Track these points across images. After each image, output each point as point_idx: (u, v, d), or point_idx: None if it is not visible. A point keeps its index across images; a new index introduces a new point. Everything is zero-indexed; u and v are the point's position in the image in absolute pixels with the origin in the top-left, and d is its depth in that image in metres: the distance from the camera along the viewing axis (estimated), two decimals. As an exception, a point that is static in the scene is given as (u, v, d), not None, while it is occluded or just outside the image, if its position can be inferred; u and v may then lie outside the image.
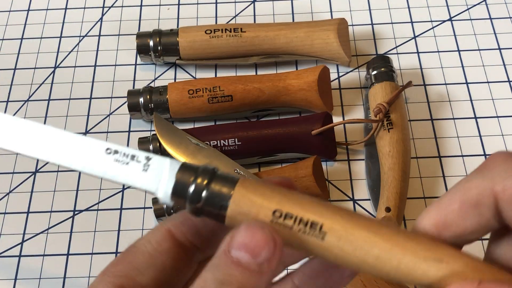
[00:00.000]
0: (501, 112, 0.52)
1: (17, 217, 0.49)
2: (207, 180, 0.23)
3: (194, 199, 0.23)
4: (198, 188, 0.23)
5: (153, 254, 0.25)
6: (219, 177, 0.24)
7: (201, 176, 0.23)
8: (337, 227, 0.22)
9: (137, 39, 0.54)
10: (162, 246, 0.25)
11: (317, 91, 0.49)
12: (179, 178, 0.24)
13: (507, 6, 0.58)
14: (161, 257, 0.25)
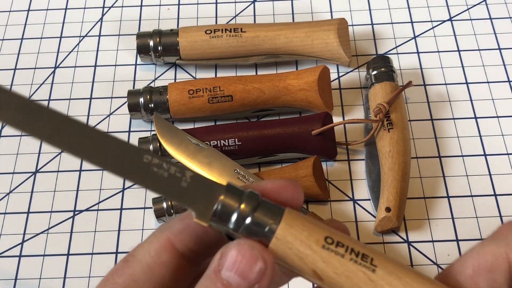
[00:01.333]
0: (501, 112, 0.52)
1: (17, 217, 0.49)
2: (251, 207, 0.23)
3: (236, 226, 0.23)
4: (242, 216, 0.23)
5: (152, 266, 0.24)
6: (264, 205, 0.23)
7: (245, 202, 0.23)
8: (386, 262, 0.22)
9: (137, 39, 0.54)
10: (161, 257, 0.24)
11: (317, 91, 0.49)
12: (224, 202, 0.23)
13: (507, 6, 0.58)
14: (160, 269, 0.24)
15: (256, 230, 0.23)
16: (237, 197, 0.23)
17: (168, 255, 0.24)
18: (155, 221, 0.47)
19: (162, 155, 0.48)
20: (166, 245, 0.25)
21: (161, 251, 0.25)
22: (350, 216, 0.47)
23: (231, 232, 0.23)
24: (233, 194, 0.23)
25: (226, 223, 0.23)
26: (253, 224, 0.23)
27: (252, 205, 0.23)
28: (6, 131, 0.53)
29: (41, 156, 0.51)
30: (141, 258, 0.25)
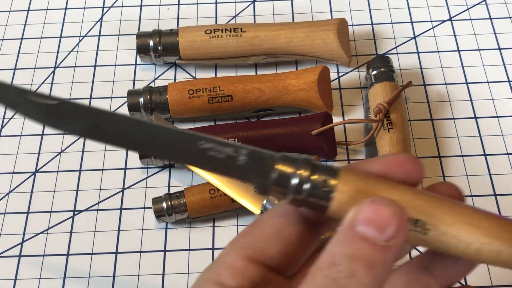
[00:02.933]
0: (501, 112, 0.52)
1: (17, 217, 0.49)
2: (309, 171, 0.24)
3: (297, 191, 0.24)
4: (301, 180, 0.24)
5: (280, 228, 0.25)
6: (320, 168, 0.24)
7: (303, 167, 0.24)
8: (440, 223, 0.23)
9: (137, 39, 0.54)
10: (288, 220, 0.25)
11: (317, 91, 0.49)
12: (281, 170, 0.24)
13: (507, 6, 0.58)
14: (287, 231, 0.25)
15: (316, 192, 0.24)
16: (292, 164, 0.24)
17: (295, 218, 0.25)
18: (155, 221, 0.47)
19: (162, 155, 0.48)
20: (293, 209, 0.26)
21: (288, 214, 0.26)
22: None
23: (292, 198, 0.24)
24: (288, 162, 0.24)
25: (285, 191, 0.24)
26: (312, 187, 0.24)
27: (308, 169, 0.24)
28: (6, 131, 0.53)
29: (41, 156, 0.51)
30: (269, 221, 0.26)
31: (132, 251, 0.47)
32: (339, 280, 0.21)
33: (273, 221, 0.26)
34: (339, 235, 0.23)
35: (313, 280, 0.22)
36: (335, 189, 0.23)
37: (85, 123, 0.25)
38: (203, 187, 0.46)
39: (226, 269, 0.24)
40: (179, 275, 0.45)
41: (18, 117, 0.54)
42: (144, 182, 0.50)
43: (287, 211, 0.26)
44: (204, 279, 0.25)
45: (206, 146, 0.25)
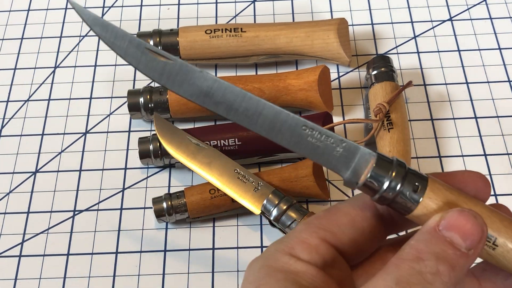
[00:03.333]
0: (501, 112, 0.52)
1: (17, 217, 0.49)
2: (402, 175, 0.25)
3: (387, 191, 0.25)
4: (394, 182, 0.25)
5: (355, 218, 0.27)
6: (412, 172, 0.25)
7: (396, 170, 0.25)
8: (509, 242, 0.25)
9: (137, 39, 0.54)
10: (363, 212, 0.27)
11: (317, 91, 0.49)
12: (377, 170, 0.25)
13: (507, 6, 0.58)
14: (362, 222, 0.27)
15: (406, 195, 0.25)
16: (388, 165, 0.25)
17: (370, 212, 0.27)
18: (155, 221, 0.47)
19: (163, 155, 0.48)
20: (369, 203, 0.27)
21: (364, 207, 0.27)
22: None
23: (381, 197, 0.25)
24: (383, 162, 0.26)
25: (377, 189, 0.25)
26: (403, 190, 0.25)
27: (402, 172, 0.25)
28: (6, 131, 0.53)
29: (41, 156, 0.51)
30: (346, 210, 0.27)
31: (132, 251, 0.47)
32: (425, 275, 0.23)
33: (349, 210, 0.27)
34: (425, 234, 0.24)
35: (399, 269, 0.23)
36: (424, 195, 0.25)
37: (197, 88, 0.26)
38: (203, 187, 0.46)
39: (300, 243, 0.26)
40: (179, 275, 0.45)
41: (18, 117, 0.54)
42: (144, 182, 0.50)
43: (364, 204, 0.27)
44: (276, 249, 0.26)
45: (308, 132, 0.26)
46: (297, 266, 0.25)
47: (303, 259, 0.25)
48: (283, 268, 0.25)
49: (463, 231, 0.24)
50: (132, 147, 0.51)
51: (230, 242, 0.47)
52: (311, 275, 0.25)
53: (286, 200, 0.44)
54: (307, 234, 0.26)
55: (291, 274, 0.25)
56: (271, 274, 0.25)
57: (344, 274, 0.27)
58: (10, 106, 0.54)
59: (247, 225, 0.47)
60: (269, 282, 0.24)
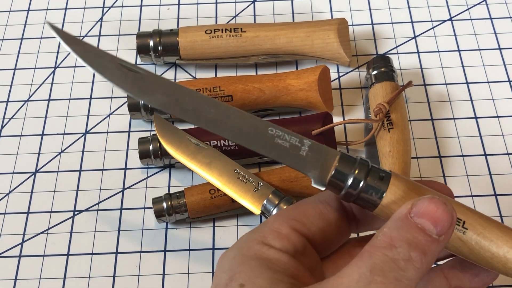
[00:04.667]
0: (501, 112, 0.52)
1: (17, 217, 0.49)
2: (364, 172, 0.26)
3: (352, 187, 0.26)
4: (357, 179, 0.26)
5: (322, 210, 0.28)
6: (375, 169, 0.26)
7: (359, 168, 0.26)
8: (477, 225, 0.25)
9: (137, 39, 0.54)
10: (330, 205, 0.29)
11: (317, 91, 0.49)
12: (340, 168, 0.27)
13: (507, 6, 0.58)
14: (329, 214, 0.28)
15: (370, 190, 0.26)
16: (350, 164, 0.27)
17: (336, 205, 0.29)
18: (155, 221, 0.47)
19: (163, 155, 0.48)
20: (335, 198, 0.29)
21: (331, 200, 0.29)
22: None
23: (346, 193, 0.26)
24: (346, 161, 0.27)
25: (341, 186, 0.26)
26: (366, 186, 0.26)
27: (365, 170, 0.26)
28: (6, 131, 0.53)
29: (41, 156, 0.51)
30: (314, 203, 0.29)
31: (132, 251, 0.47)
32: (398, 262, 0.24)
33: (317, 203, 0.29)
34: (397, 221, 0.25)
35: (372, 256, 0.24)
36: (387, 189, 0.26)
37: (166, 96, 0.28)
38: (203, 187, 0.46)
39: (272, 232, 0.27)
40: (179, 275, 0.45)
41: (18, 117, 0.54)
42: (144, 182, 0.50)
43: (330, 199, 0.29)
44: (249, 239, 0.27)
45: (275, 133, 0.27)
46: (269, 253, 0.26)
47: (275, 247, 0.26)
48: (257, 255, 0.26)
49: (434, 217, 0.24)
50: (132, 147, 0.51)
51: (230, 242, 0.47)
52: (283, 262, 0.26)
53: (286, 200, 0.44)
54: (279, 224, 0.27)
55: (264, 260, 0.25)
56: (246, 262, 0.25)
57: (314, 262, 0.28)
58: (10, 106, 0.54)
59: (247, 225, 0.47)
60: (244, 270, 0.25)
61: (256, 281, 0.24)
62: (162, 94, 0.28)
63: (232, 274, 0.25)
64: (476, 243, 0.25)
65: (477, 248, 0.25)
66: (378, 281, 0.23)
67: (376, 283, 0.23)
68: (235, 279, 0.25)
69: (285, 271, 0.25)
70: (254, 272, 0.25)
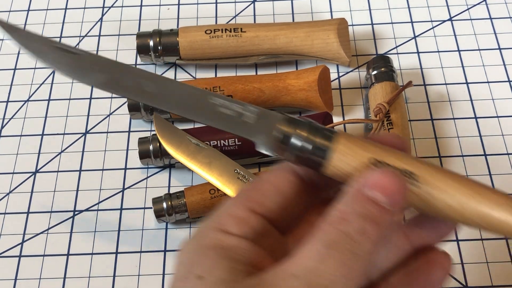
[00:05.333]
0: (501, 112, 0.52)
1: (17, 217, 0.49)
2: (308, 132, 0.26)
3: (296, 149, 0.26)
4: (301, 139, 0.26)
5: (279, 185, 0.27)
6: (320, 129, 0.26)
7: (303, 128, 0.26)
8: (428, 176, 0.25)
9: (137, 39, 0.54)
10: (287, 179, 0.28)
11: (317, 91, 0.49)
12: (283, 129, 0.26)
13: (507, 6, 0.58)
14: (286, 188, 0.27)
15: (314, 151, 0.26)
16: (294, 124, 0.26)
17: (294, 178, 0.28)
18: (155, 221, 0.47)
19: (163, 155, 0.48)
20: (291, 170, 0.28)
21: (287, 173, 0.28)
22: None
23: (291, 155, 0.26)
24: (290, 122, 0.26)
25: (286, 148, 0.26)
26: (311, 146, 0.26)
27: (308, 130, 0.26)
28: (6, 131, 0.53)
29: (41, 156, 0.51)
30: (270, 179, 0.28)
31: (132, 251, 0.47)
32: (352, 236, 0.24)
33: (272, 178, 0.28)
34: (349, 196, 0.25)
35: (326, 232, 0.24)
36: (332, 149, 0.25)
37: (105, 75, 0.27)
38: (203, 187, 0.46)
39: (230, 218, 0.26)
40: (179, 275, 0.45)
41: (18, 117, 0.54)
42: (144, 182, 0.50)
43: (286, 171, 0.28)
44: (206, 227, 0.26)
45: (217, 102, 0.27)
46: (228, 241, 0.25)
47: (233, 233, 0.25)
48: (214, 244, 0.25)
49: (385, 189, 0.24)
50: (132, 147, 0.51)
51: (230, 242, 0.47)
52: (243, 248, 0.25)
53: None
54: (235, 207, 0.26)
55: (222, 249, 0.25)
56: (203, 252, 0.25)
57: (276, 242, 0.27)
58: (10, 106, 0.54)
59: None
60: (201, 261, 0.24)
61: (215, 273, 0.24)
62: (101, 73, 0.27)
63: (190, 266, 0.25)
64: (430, 195, 0.25)
65: (431, 200, 0.25)
66: (334, 256, 0.23)
67: (332, 258, 0.23)
68: (193, 271, 0.24)
69: (245, 258, 0.25)
70: (213, 263, 0.24)
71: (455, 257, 0.45)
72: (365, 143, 0.26)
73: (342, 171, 0.26)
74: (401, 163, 0.25)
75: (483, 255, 0.45)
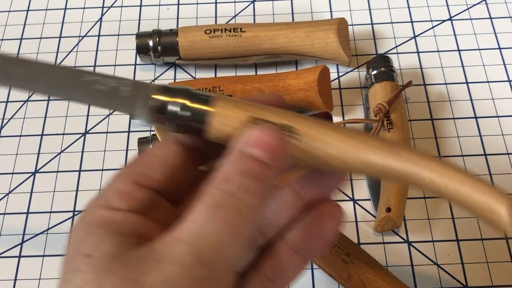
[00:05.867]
0: (501, 112, 0.52)
1: (16, 217, 0.49)
2: (187, 98, 0.26)
3: (174, 117, 0.26)
4: (178, 106, 0.26)
5: (165, 156, 0.27)
6: (196, 94, 0.26)
7: (179, 95, 0.26)
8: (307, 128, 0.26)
9: (137, 39, 0.54)
10: (171, 149, 0.27)
11: (317, 91, 0.49)
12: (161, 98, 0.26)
13: (507, 6, 0.58)
14: (171, 158, 0.27)
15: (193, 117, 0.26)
16: (169, 93, 0.26)
17: (179, 147, 0.27)
18: (155, 221, 0.47)
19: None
20: (176, 140, 0.28)
21: (173, 144, 0.28)
22: (350, 216, 0.47)
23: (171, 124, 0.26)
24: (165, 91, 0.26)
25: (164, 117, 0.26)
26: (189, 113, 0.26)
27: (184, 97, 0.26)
28: (6, 131, 0.53)
29: (40, 156, 0.51)
30: (155, 151, 0.27)
31: (132, 251, 0.47)
32: (237, 194, 0.24)
33: (157, 151, 0.27)
34: (230, 157, 0.25)
35: (211, 195, 0.24)
36: (211, 112, 0.25)
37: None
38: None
39: (115, 194, 0.26)
40: (179, 275, 0.45)
41: (18, 117, 0.54)
42: (144, 182, 0.50)
43: (171, 142, 0.28)
44: (92, 206, 0.26)
45: (90, 78, 0.26)
46: (114, 216, 0.25)
47: (120, 208, 0.25)
48: (101, 222, 0.25)
49: (264, 145, 0.25)
50: (131, 148, 0.51)
51: (230, 242, 0.47)
52: (131, 222, 0.25)
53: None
54: (120, 183, 0.26)
55: (108, 225, 0.24)
56: (90, 231, 0.24)
57: (167, 213, 0.27)
58: (9, 107, 0.54)
59: None
60: (88, 240, 0.24)
61: (102, 248, 0.23)
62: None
63: (77, 246, 0.24)
64: (310, 146, 0.25)
65: (313, 151, 0.25)
66: (219, 216, 0.23)
67: (218, 218, 0.23)
68: (80, 251, 0.24)
69: (132, 231, 0.24)
70: (99, 240, 0.24)
71: (455, 257, 0.45)
72: (243, 103, 0.26)
73: (224, 133, 0.26)
74: (279, 119, 0.26)
75: (483, 255, 0.45)
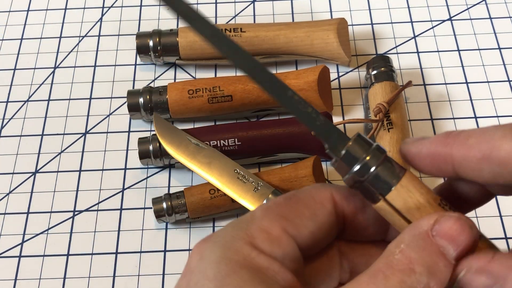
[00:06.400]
0: (501, 112, 0.52)
1: (17, 217, 0.49)
2: (379, 161, 0.24)
3: (360, 173, 0.24)
4: (368, 165, 0.24)
5: (316, 211, 0.25)
6: (390, 160, 0.24)
7: (374, 154, 0.24)
8: None
9: (137, 39, 0.54)
10: (324, 207, 0.26)
11: (317, 91, 0.49)
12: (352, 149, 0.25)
13: (507, 6, 0.58)
14: (322, 216, 0.25)
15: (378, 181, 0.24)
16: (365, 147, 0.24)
17: (330, 208, 0.26)
18: (155, 221, 0.47)
19: (162, 155, 0.48)
20: (330, 198, 0.26)
21: (325, 201, 0.26)
22: None
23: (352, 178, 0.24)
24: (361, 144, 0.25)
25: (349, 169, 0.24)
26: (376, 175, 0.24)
27: (379, 157, 0.24)
28: (6, 131, 0.53)
29: (41, 156, 0.51)
30: (308, 202, 0.25)
31: (132, 251, 0.47)
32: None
33: (310, 202, 0.25)
34: (417, 239, 0.22)
35: (388, 280, 0.22)
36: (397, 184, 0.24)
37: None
38: (203, 187, 0.46)
39: (261, 232, 0.24)
40: (179, 275, 0.45)
41: (18, 117, 0.54)
42: (144, 182, 0.50)
43: (325, 198, 0.26)
44: (234, 237, 0.24)
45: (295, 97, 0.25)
46: (260, 260, 0.23)
47: (265, 251, 0.23)
48: (246, 263, 0.22)
49: (457, 242, 0.22)
50: (132, 147, 0.51)
51: (230, 242, 0.47)
52: (274, 271, 0.23)
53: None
54: (268, 222, 0.24)
55: (255, 271, 0.22)
56: (235, 271, 0.22)
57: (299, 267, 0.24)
58: (10, 107, 0.54)
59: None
60: (234, 283, 0.22)
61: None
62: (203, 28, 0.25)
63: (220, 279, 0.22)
64: None
65: None
66: None
67: None
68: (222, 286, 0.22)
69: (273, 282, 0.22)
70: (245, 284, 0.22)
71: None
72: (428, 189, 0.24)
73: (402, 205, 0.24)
74: None
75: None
